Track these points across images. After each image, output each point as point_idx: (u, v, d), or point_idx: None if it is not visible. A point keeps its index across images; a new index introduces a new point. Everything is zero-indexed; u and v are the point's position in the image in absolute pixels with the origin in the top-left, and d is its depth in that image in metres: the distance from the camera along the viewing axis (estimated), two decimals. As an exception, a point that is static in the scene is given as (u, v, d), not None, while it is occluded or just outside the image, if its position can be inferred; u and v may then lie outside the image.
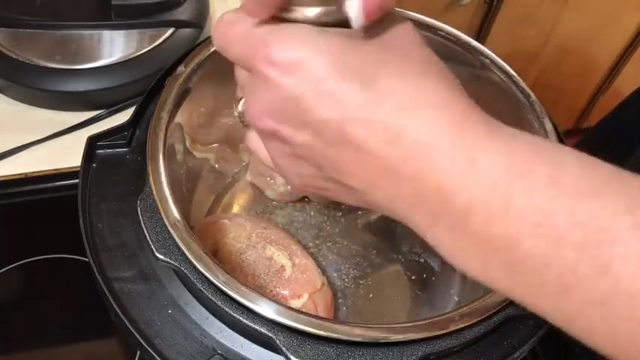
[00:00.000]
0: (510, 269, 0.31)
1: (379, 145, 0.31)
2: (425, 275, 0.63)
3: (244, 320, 0.43)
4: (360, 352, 0.43)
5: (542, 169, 0.30)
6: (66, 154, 0.69)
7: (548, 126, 0.55)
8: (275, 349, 0.43)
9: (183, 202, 0.58)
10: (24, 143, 0.70)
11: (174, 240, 0.45)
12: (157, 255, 0.46)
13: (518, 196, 0.29)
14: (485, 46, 0.59)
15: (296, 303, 0.54)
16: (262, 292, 0.49)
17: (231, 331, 0.46)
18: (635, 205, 0.28)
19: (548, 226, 0.29)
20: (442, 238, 0.33)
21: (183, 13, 0.77)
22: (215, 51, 0.57)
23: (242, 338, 0.46)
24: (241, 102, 0.41)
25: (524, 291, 0.32)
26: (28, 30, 0.74)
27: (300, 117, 0.33)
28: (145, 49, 0.74)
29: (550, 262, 0.29)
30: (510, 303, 0.45)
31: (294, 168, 0.37)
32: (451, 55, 0.57)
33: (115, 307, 0.47)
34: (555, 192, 0.29)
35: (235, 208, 0.67)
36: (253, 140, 0.41)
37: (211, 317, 0.46)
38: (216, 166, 0.66)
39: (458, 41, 0.59)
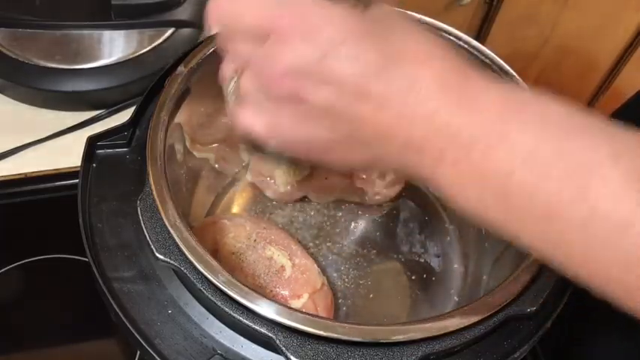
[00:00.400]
0: (502, 198, 0.35)
1: (396, 97, 0.35)
2: (425, 275, 0.63)
3: (244, 320, 0.43)
4: (360, 352, 0.43)
5: (533, 109, 0.35)
6: (66, 154, 0.69)
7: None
8: (275, 349, 0.43)
9: (183, 202, 0.58)
10: (24, 143, 0.70)
11: (174, 240, 0.45)
12: (157, 255, 0.46)
13: (512, 131, 0.34)
14: (485, 46, 0.59)
15: (296, 303, 0.54)
16: (262, 292, 0.49)
17: (231, 331, 0.46)
18: (613, 142, 0.33)
19: (536, 158, 0.33)
20: (445, 176, 0.36)
21: (183, 13, 0.77)
22: (215, 51, 0.57)
23: (242, 338, 0.46)
24: (234, 79, 0.40)
25: (513, 220, 0.36)
26: (28, 30, 0.73)
27: (321, 75, 0.35)
28: (145, 49, 0.74)
29: (537, 190, 0.33)
30: (510, 303, 0.45)
31: (306, 131, 0.38)
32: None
33: (115, 307, 0.47)
34: (543, 129, 0.34)
35: (235, 208, 0.67)
36: (247, 116, 0.40)
37: (211, 317, 0.46)
38: (216, 166, 0.66)
39: (458, 41, 0.59)
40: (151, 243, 0.46)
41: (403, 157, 0.37)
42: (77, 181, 0.52)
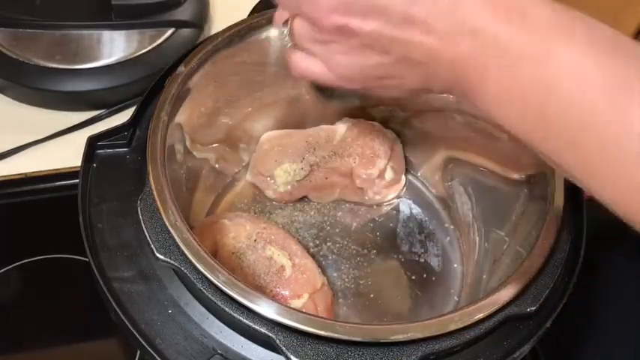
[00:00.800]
0: (542, 112, 0.36)
1: (441, 17, 0.37)
2: (425, 275, 0.63)
3: (244, 320, 0.43)
4: (360, 352, 0.43)
5: (581, 26, 0.36)
6: (66, 154, 0.69)
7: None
8: (275, 349, 0.44)
9: (183, 202, 0.58)
10: (24, 143, 0.70)
11: (174, 240, 0.45)
12: (157, 255, 0.46)
13: (559, 46, 0.35)
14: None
15: (296, 303, 0.54)
16: (262, 292, 0.49)
17: (231, 331, 0.46)
18: None
19: (579, 71, 0.35)
20: (489, 92, 0.38)
21: (183, 13, 0.77)
22: (215, 51, 0.57)
23: (242, 338, 0.46)
24: (288, 24, 0.42)
25: (549, 131, 0.37)
26: (28, 30, 0.74)
27: (367, 6, 0.37)
28: (145, 49, 0.74)
29: (578, 101, 0.35)
30: (510, 303, 0.45)
31: (359, 61, 0.40)
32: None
33: (115, 307, 0.47)
34: (590, 46, 0.35)
35: (235, 208, 0.67)
36: (302, 61, 0.43)
37: (211, 317, 0.46)
38: (217, 166, 0.66)
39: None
40: (151, 243, 0.46)
41: (450, 74, 0.39)
42: (77, 181, 0.52)
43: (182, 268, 0.45)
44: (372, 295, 0.61)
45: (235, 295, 0.42)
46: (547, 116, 0.36)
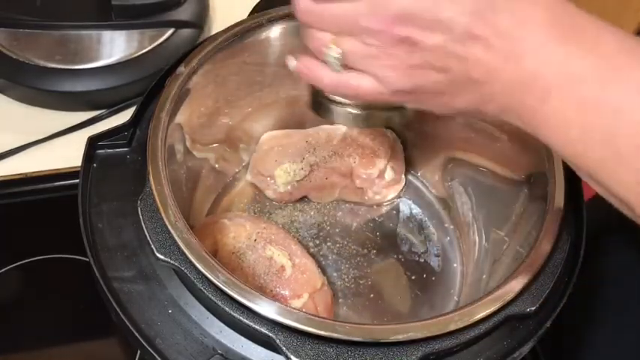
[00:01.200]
0: (608, 133, 0.35)
1: (505, 34, 0.36)
2: (425, 275, 0.63)
3: (244, 320, 0.43)
4: (360, 352, 0.43)
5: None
6: (66, 154, 0.69)
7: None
8: (275, 349, 0.44)
9: (183, 202, 0.58)
10: (24, 143, 0.70)
11: (174, 240, 0.45)
12: (157, 255, 0.46)
13: (625, 67, 0.35)
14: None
15: (296, 303, 0.54)
16: (262, 292, 0.49)
17: (231, 330, 0.46)
18: None
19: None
20: (549, 114, 0.36)
21: (183, 13, 0.77)
22: (215, 51, 0.57)
23: (242, 338, 0.46)
24: (332, 47, 0.40)
25: (612, 157, 0.36)
26: (28, 30, 0.74)
27: (431, 19, 0.36)
28: (145, 49, 0.74)
29: (623, 105, 0.35)
30: (510, 303, 0.45)
31: (416, 78, 0.38)
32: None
33: (115, 307, 0.47)
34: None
35: (235, 208, 0.67)
36: (353, 79, 0.40)
37: (211, 317, 0.46)
38: (216, 166, 0.66)
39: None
40: (151, 243, 0.46)
41: (507, 98, 0.38)
42: (77, 181, 0.52)
43: (182, 268, 0.45)
44: (372, 295, 0.61)
45: (235, 295, 0.42)
46: (613, 137, 0.35)
